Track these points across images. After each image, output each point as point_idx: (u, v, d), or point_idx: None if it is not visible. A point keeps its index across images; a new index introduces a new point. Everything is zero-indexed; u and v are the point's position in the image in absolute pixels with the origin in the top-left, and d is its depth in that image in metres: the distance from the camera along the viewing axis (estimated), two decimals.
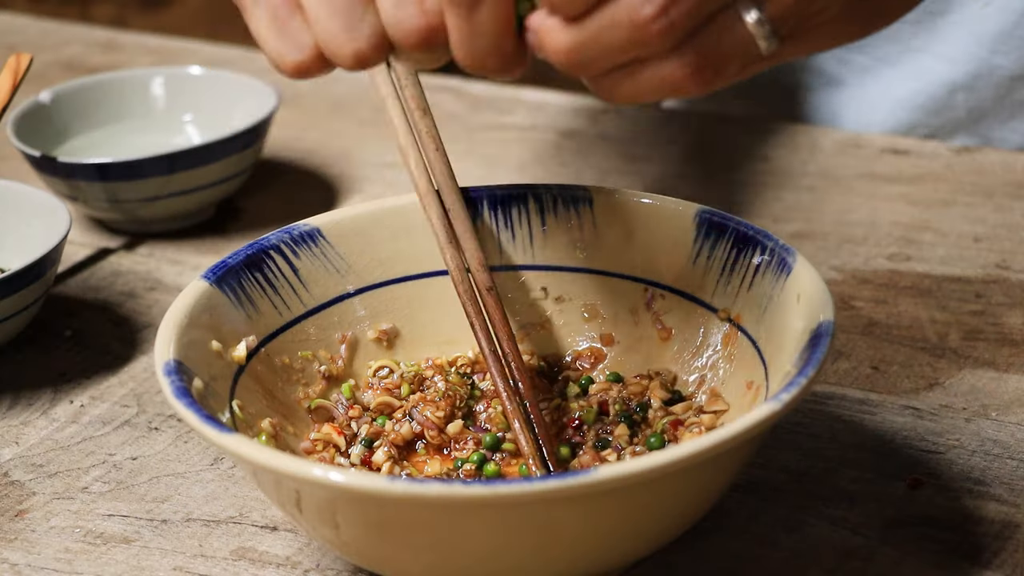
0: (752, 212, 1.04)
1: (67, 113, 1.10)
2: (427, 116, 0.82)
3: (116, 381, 0.89)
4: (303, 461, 0.65)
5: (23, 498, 0.80)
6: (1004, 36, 1.12)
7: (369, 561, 0.70)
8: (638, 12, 0.62)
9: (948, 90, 1.14)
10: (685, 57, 0.64)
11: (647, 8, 0.62)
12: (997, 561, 0.73)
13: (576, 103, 1.21)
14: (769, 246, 0.77)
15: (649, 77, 0.65)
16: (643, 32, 0.63)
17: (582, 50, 0.64)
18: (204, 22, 2.50)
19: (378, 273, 0.83)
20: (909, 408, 0.84)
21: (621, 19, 0.63)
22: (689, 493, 0.68)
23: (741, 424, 0.65)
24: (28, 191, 0.96)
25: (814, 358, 0.68)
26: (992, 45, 1.12)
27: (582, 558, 0.67)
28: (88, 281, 1.00)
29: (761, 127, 1.16)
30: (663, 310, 0.81)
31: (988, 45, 1.12)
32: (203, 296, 0.76)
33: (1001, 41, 1.12)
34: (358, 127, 1.21)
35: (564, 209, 0.83)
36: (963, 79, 1.14)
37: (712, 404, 0.77)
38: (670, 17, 0.63)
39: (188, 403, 0.68)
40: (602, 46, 0.63)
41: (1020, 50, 1.12)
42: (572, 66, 0.65)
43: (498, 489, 0.62)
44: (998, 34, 1.12)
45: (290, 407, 0.78)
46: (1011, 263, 0.97)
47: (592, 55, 0.64)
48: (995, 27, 1.12)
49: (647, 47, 0.63)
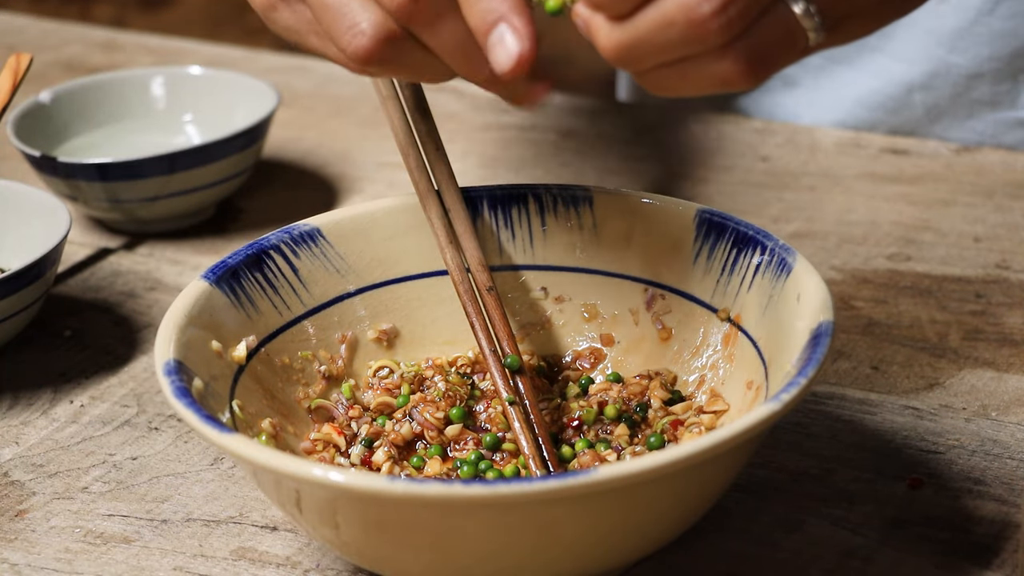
0: (752, 212, 1.04)
1: (67, 113, 1.10)
2: (427, 116, 0.82)
3: (116, 381, 0.89)
4: (303, 461, 0.65)
5: (23, 498, 0.80)
6: (961, 33, 1.12)
7: (369, 561, 0.70)
8: (695, 11, 0.62)
9: (906, 89, 1.15)
10: (737, 53, 0.64)
11: (705, 7, 0.62)
12: (997, 561, 0.73)
13: (576, 103, 1.21)
14: (769, 246, 0.77)
15: (700, 73, 0.64)
16: (700, 30, 0.62)
17: (632, 48, 0.64)
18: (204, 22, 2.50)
19: (378, 273, 0.83)
20: (909, 408, 0.84)
21: (675, 18, 0.62)
22: (689, 493, 0.68)
23: (741, 424, 0.65)
24: (28, 191, 0.96)
25: (814, 358, 0.68)
26: (949, 43, 1.12)
27: (582, 558, 0.67)
28: (88, 281, 1.00)
29: (761, 127, 1.16)
30: (663, 310, 0.81)
31: (945, 44, 1.12)
32: (203, 296, 0.76)
33: (958, 38, 1.12)
34: (358, 127, 1.20)
35: (564, 209, 0.83)
36: (920, 78, 1.14)
37: (712, 404, 0.77)
38: (728, 15, 0.62)
39: (188, 403, 0.68)
40: (654, 44, 0.63)
41: (976, 48, 1.12)
42: (619, 62, 0.64)
43: (498, 489, 0.62)
44: (954, 32, 1.12)
45: (290, 407, 0.78)
46: (1011, 263, 0.97)
47: (642, 53, 0.64)
48: (952, 25, 1.12)
49: (702, 45, 0.63)
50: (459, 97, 1.23)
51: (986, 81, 1.13)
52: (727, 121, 1.17)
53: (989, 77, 1.13)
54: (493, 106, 1.21)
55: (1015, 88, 1.13)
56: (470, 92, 1.24)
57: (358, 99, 1.24)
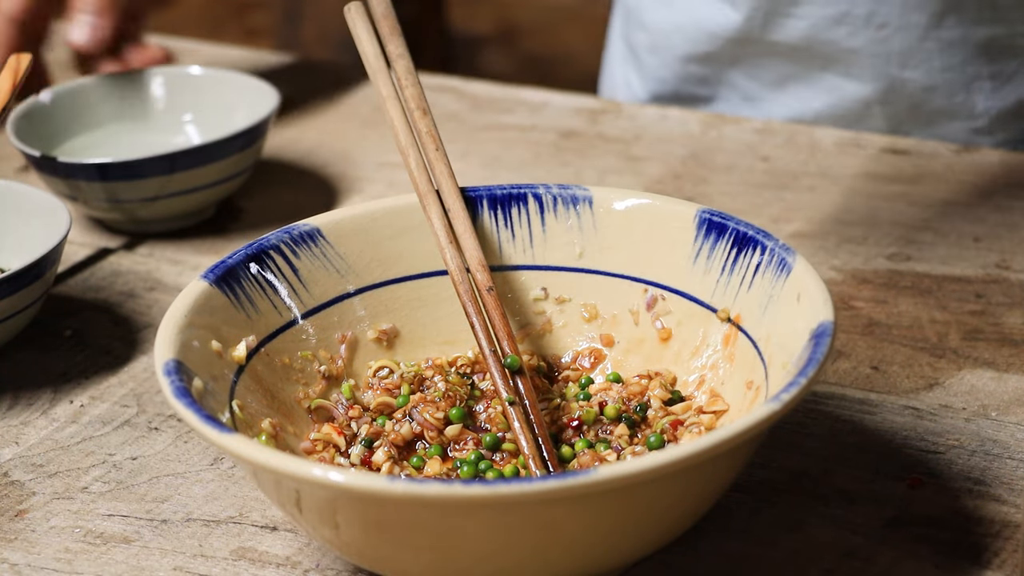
0: (752, 212, 1.04)
1: (67, 113, 1.10)
2: (427, 116, 0.83)
3: (116, 381, 0.89)
4: (303, 461, 0.65)
5: (23, 498, 0.80)
6: (911, 52, 1.13)
7: (369, 561, 0.70)
8: None
9: (863, 104, 1.17)
10: None
11: None
12: (997, 561, 0.73)
13: (576, 103, 1.21)
14: (769, 246, 0.77)
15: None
16: None
17: None
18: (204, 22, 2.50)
19: (378, 273, 0.83)
20: (909, 408, 0.84)
21: None
22: (689, 493, 0.68)
23: (741, 424, 0.65)
24: (28, 191, 0.96)
25: (814, 358, 0.68)
26: (900, 61, 1.14)
27: (582, 558, 0.67)
28: (88, 281, 1.00)
29: (761, 127, 1.16)
30: (663, 310, 0.81)
31: (896, 62, 1.14)
32: (203, 296, 0.76)
33: (908, 57, 1.14)
34: (358, 127, 1.20)
35: (564, 209, 0.83)
36: (875, 95, 1.16)
37: (712, 404, 0.77)
38: None
39: (188, 403, 0.68)
40: None
41: (929, 63, 1.14)
42: None
43: (498, 489, 0.62)
44: (904, 52, 1.14)
45: (290, 407, 0.78)
46: (1011, 263, 0.97)
47: None
48: (899, 46, 1.14)
49: None
50: (459, 97, 1.23)
51: (941, 93, 1.14)
52: (727, 121, 1.17)
53: (943, 89, 1.14)
54: (493, 106, 1.21)
55: (969, 99, 1.14)
56: (470, 92, 1.24)
57: (358, 99, 1.24)
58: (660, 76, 1.25)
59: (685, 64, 1.23)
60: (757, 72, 1.21)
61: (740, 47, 1.20)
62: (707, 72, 1.23)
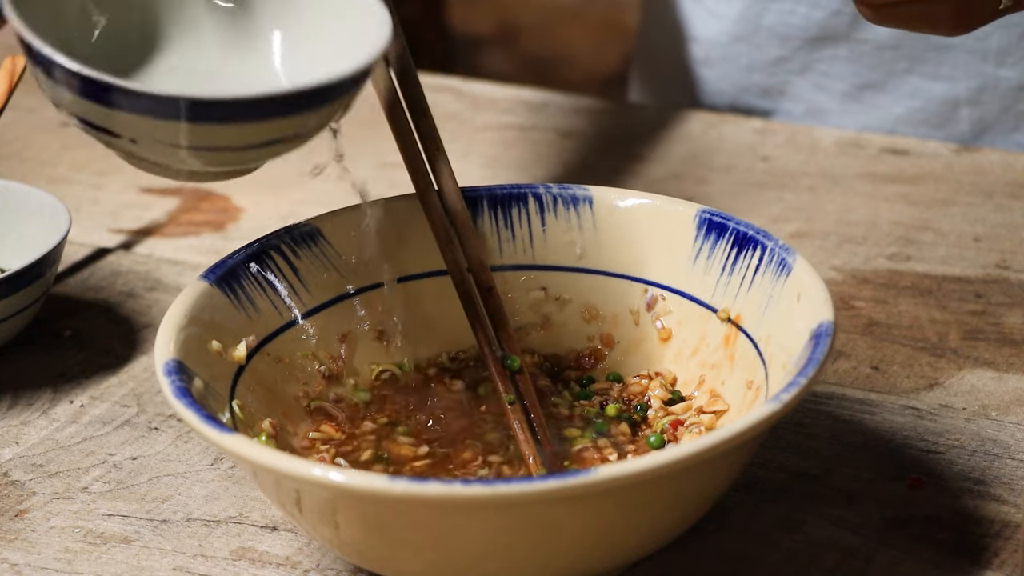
0: (752, 212, 1.04)
1: None
2: (427, 116, 0.83)
3: (116, 381, 0.89)
4: (303, 461, 0.65)
5: (23, 498, 0.80)
6: (1009, 48, 1.11)
7: (369, 561, 0.70)
8: None
9: (950, 106, 1.15)
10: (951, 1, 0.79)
11: None
12: (997, 561, 0.73)
13: (576, 103, 1.21)
14: (769, 246, 0.77)
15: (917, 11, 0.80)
16: None
17: None
18: None
19: (378, 273, 0.83)
20: (909, 408, 0.84)
21: None
22: (689, 493, 0.68)
23: (741, 424, 0.65)
24: (28, 191, 0.96)
25: (814, 358, 0.68)
26: (997, 59, 1.12)
27: (582, 558, 0.67)
28: (88, 281, 1.00)
29: (761, 127, 1.16)
30: (663, 310, 0.81)
31: (993, 59, 1.12)
32: (203, 296, 0.76)
33: (1006, 54, 1.12)
34: (358, 127, 1.20)
35: (564, 209, 0.83)
36: (966, 93, 1.14)
37: (712, 404, 0.77)
38: None
39: (188, 403, 0.68)
40: None
41: None
42: None
43: (498, 489, 0.62)
44: (1001, 49, 1.12)
45: (290, 407, 0.78)
46: (1011, 263, 0.97)
47: None
48: (997, 43, 1.12)
49: None
50: (459, 97, 1.23)
51: None
52: (727, 121, 1.17)
53: None
54: (493, 106, 1.21)
55: None
56: (470, 92, 1.24)
57: (358, 99, 1.24)
58: (717, 89, 1.22)
59: (748, 74, 1.20)
60: (827, 82, 1.17)
61: (816, 50, 1.16)
62: (771, 82, 1.19)
